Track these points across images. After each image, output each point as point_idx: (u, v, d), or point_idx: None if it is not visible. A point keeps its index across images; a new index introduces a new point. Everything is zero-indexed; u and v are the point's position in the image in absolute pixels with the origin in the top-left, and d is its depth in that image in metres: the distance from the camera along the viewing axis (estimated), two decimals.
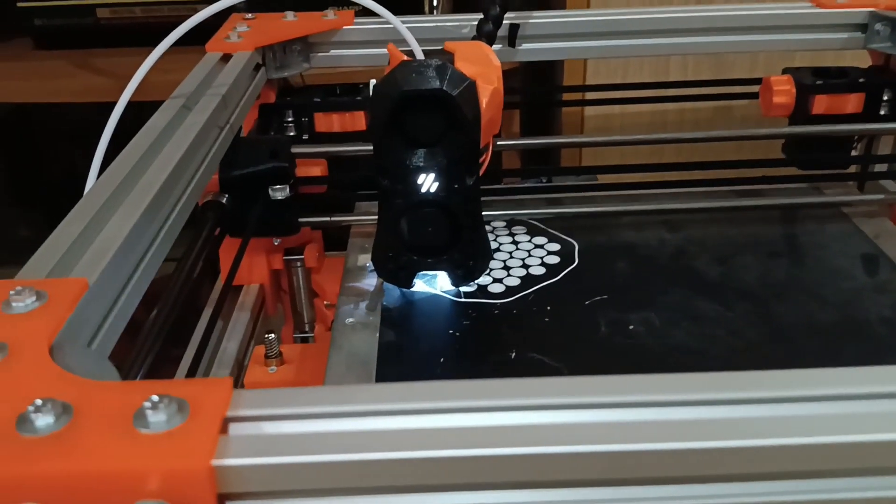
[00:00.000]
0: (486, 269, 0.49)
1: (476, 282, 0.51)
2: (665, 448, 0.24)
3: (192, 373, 0.41)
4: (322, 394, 0.25)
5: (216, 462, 0.22)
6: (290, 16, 0.62)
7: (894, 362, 0.43)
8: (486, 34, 0.51)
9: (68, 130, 1.04)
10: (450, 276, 0.47)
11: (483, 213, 0.58)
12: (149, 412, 0.23)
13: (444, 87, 0.40)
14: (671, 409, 0.25)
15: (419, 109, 0.42)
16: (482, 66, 0.43)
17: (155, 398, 0.23)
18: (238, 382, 0.48)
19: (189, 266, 0.43)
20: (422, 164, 0.43)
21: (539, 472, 0.24)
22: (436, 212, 0.45)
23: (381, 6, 0.55)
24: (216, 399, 0.24)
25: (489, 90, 0.42)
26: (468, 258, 0.47)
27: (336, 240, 0.60)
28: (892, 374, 0.26)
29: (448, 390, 0.25)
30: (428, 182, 0.44)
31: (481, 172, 0.45)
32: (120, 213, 0.35)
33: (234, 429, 0.24)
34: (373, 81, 0.42)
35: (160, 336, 0.38)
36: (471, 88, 0.41)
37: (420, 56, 0.49)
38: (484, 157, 0.46)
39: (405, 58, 0.44)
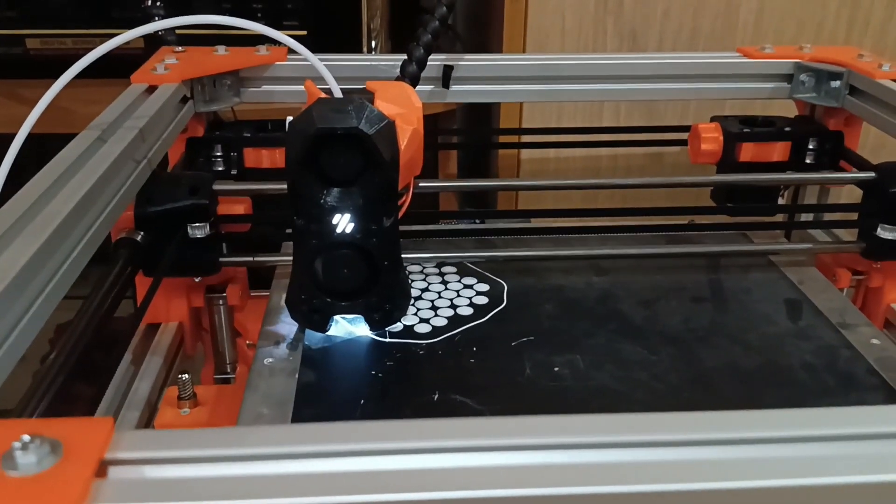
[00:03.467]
0: (404, 314, 0.48)
1: (402, 322, 0.50)
2: (582, 492, 0.23)
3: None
4: (210, 436, 0.23)
5: None
6: (221, 50, 0.61)
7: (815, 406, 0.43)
8: (409, 75, 0.51)
9: None
10: (366, 320, 0.46)
11: (416, 254, 0.57)
12: (18, 453, 0.21)
13: (361, 126, 0.39)
14: (589, 451, 0.25)
15: (335, 148, 0.41)
16: (403, 107, 0.42)
17: (26, 438, 0.22)
18: (149, 425, 0.46)
19: (96, 304, 0.41)
20: (337, 204, 0.42)
21: None
22: (351, 253, 0.43)
23: (301, 44, 0.54)
24: (94, 440, 0.22)
25: (409, 131, 0.42)
26: (385, 301, 0.45)
27: (261, 278, 0.58)
28: (810, 417, 0.26)
29: (347, 432, 0.24)
30: (343, 222, 0.42)
31: (401, 214, 0.45)
32: (14, 248, 0.33)
33: (113, 472, 0.22)
34: (290, 118, 0.41)
35: (59, 376, 0.36)
36: (389, 128, 0.41)
37: (338, 94, 0.48)
38: (404, 198, 0.45)
39: (323, 95, 0.43)
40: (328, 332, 0.47)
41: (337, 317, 0.46)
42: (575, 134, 0.73)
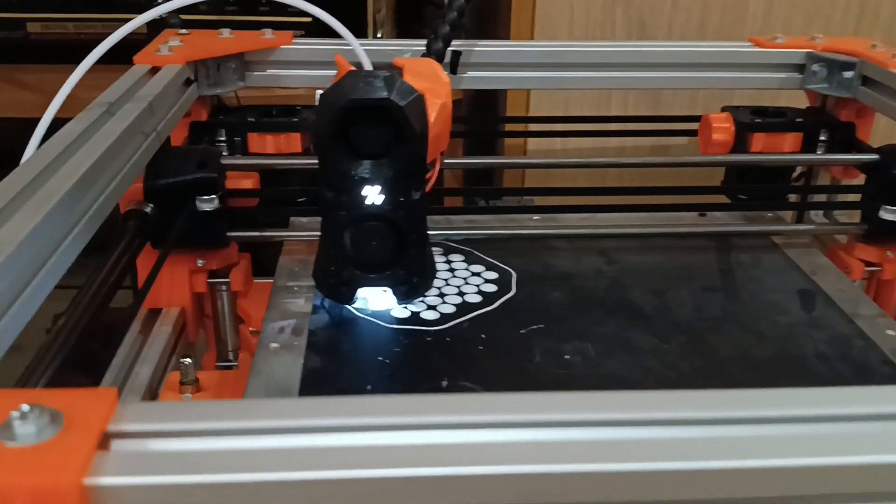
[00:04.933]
0: (430, 287, 0.48)
1: (409, 308, 0.49)
2: (591, 469, 0.23)
3: None
4: (216, 409, 0.22)
5: (89, 480, 0.20)
6: (225, 33, 0.60)
7: None
8: (435, 52, 0.50)
9: None
10: (393, 292, 0.46)
11: None
12: (16, 423, 0.20)
13: (392, 98, 0.39)
14: (598, 429, 0.24)
15: (366, 119, 0.40)
16: (431, 82, 0.43)
17: (25, 408, 0.21)
18: None
19: (105, 275, 0.40)
20: (367, 176, 0.42)
21: (460, 495, 0.22)
22: (380, 225, 0.43)
23: (341, 25, 0.54)
24: (96, 411, 0.21)
25: (438, 104, 0.42)
26: (413, 274, 0.45)
27: (263, 265, 0.57)
28: (822, 396, 0.26)
29: (356, 406, 0.23)
30: (373, 194, 0.42)
31: (428, 189, 0.44)
32: (18, 217, 0.32)
33: (116, 445, 0.21)
34: (319, 92, 0.41)
35: (61, 352, 0.35)
36: (419, 101, 0.40)
37: (369, 69, 0.48)
38: (431, 173, 0.45)
39: (352, 68, 0.42)
40: (354, 306, 0.47)
41: (361, 291, 0.46)
42: (582, 123, 0.72)
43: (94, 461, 0.20)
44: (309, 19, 0.80)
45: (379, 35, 0.86)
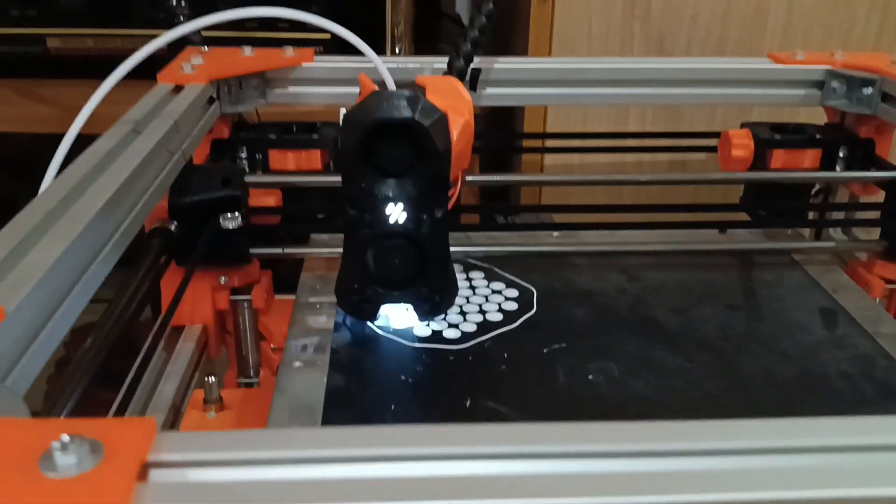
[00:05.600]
0: (452, 304, 0.48)
1: (431, 326, 0.49)
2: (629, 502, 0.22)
3: (120, 417, 0.38)
4: (257, 438, 0.22)
5: None
6: (247, 50, 0.60)
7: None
8: (456, 70, 0.51)
9: (8, 161, 1.00)
10: (415, 309, 0.46)
11: None
12: (57, 454, 0.21)
13: (416, 117, 0.40)
14: (632, 460, 0.24)
15: (390, 138, 0.41)
16: (453, 100, 0.43)
17: (65, 438, 0.21)
18: (174, 428, 0.45)
19: (130, 294, 0.40)
20: (391, 195, 0.43)
21: None
22: (403, 243, 0.44)
23: (365, 44, 0.54)
24: (136, 441, 0.21)
25: (461, 123, 0.42)
26: (435, 292, 0.45)
27: (285, 282, 0.57)
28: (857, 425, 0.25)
29: (398, 436, 0.23)
30: (396, 213, 0.43)
31: (450, 206, 0.45)
32: (49, 238, 0.32)
33: (155, 475, 0.21)
34: (343, 110, 0.42)
35: (89, 372, 0.35)
36: (442, 120, 0.41)
37: (392, 88, 0.48)
38: (453, 190, 0.45)
39: (376, 88, 0.43)
40: (377, 323, 0.48)
41: (383, 309, 0.46)
42: (600, 139, 0.72)
43: (134, 492, 0.20)
44: (328, 36, 0.81)
45: (398, 51, 0.86)
